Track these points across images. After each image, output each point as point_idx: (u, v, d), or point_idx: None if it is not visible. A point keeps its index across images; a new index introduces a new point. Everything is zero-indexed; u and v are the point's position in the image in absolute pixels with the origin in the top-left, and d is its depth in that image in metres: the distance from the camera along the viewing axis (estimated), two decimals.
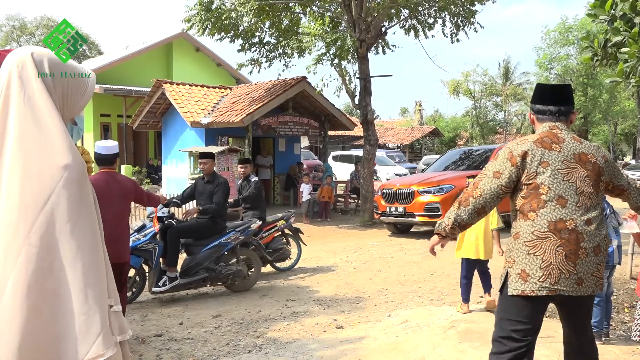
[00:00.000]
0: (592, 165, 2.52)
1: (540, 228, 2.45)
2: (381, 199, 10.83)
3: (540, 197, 2.47)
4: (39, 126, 1.62)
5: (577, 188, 2.48)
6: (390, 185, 10.99)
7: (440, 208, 9.84)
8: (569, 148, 2.52)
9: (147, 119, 15.84)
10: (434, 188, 10.14)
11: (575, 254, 2.42)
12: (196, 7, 11.89)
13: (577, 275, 2.44)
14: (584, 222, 2.45)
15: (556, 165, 2.48)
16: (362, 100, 12.83)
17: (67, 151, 1.61)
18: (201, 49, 23.28)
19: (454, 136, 37.80)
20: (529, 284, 2.45)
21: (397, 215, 10.48)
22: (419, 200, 10.10)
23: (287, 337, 4.60)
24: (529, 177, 2.50)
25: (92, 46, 42.00)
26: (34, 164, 1.58)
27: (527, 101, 35.45)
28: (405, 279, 6.86)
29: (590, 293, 2.50)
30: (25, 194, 1.56)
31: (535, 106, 2.71)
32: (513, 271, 2.51)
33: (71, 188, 1.59)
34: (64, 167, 1.59)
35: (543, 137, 2.56)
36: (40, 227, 1.54)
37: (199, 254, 5.96)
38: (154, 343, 4.53)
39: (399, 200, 10.44)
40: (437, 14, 13.42)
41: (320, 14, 12.42)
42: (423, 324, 4.50)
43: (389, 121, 46.90)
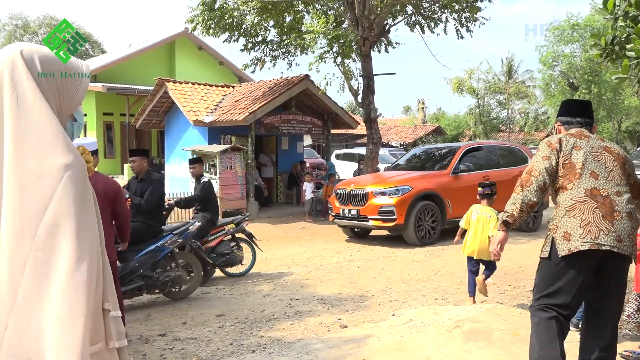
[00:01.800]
0: (617, 155, 2.91)
1: (578, 194, 2.78)
2: (335, 200, 10.03)
3: (576, 171, 2.83)
4: (35, 127, 1.57)
5: (606, 167, 2.84)
6: (344, 185, 10.12)
7: (395, 212, 9.00)
8: (595, 141, 2.94)
9: (150, 117, 15.84)
10: (389, 189, 9.25)
11: (611, 215, 2.71)
12: (199, 7, 11.87)
13: (615, 232, 2.68)
14: (615, 192, 2.78)
15: (587, 149, 2.88)
16: (365, 99, 12.80)
17: (66, 151, 1.56)
18: (204, 48, 23.28)
19: (457, 134, 37.69)
20: (572, 242, 2.70)
21: (350, 219, 9.66)
22: (373, 203, 9.23)
23: (291, 336, 4.58)
24: (565, 158, 2.88)
25: (95, 45, 42.07)
26: (33, 166, 1.54)
27: (530, 99, 35.37)
28: (409, 277, 6.83)
29: (629, 253, 2.72)
30: (27, 198, 1.52)
31: (562, 118, 3.14)
32: (557, 235, 2.77)
33: (73, 188, 1.54)
34: (64, 167, 1.54)
35: (573, 132, 2.99)
36: (45, 231, 1.50)
37: (133, 261, 5.41)
38: (157, 342, 4.52)
39: (353, 202, 9.58)
40: (441, 11, 13.38)
41: (323, 12, 12.39)
42: (428, 323, 4.47)
43: (392, 119, 46.78)
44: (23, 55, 1.62)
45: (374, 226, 9.44)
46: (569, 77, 25.11)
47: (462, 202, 9.35)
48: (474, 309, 4.87)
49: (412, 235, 9.10)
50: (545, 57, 24.51)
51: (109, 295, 1.64)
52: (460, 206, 9.29)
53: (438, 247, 8.88)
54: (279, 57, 13.58)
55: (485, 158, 10.65)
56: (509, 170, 10.48)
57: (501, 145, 12.12)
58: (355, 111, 33.22)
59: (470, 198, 9.51)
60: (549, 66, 25.10)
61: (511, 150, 11.49)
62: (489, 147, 11.27)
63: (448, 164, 10.01)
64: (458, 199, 9.44)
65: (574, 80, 25.04)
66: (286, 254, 8.85)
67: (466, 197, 9.51)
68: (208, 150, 12.76)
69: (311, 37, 11.29)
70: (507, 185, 9.84)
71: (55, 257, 1.49)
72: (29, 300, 1.49)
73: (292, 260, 8.33)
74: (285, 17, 13.23)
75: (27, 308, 1.49)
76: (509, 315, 4.59)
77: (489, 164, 10.51)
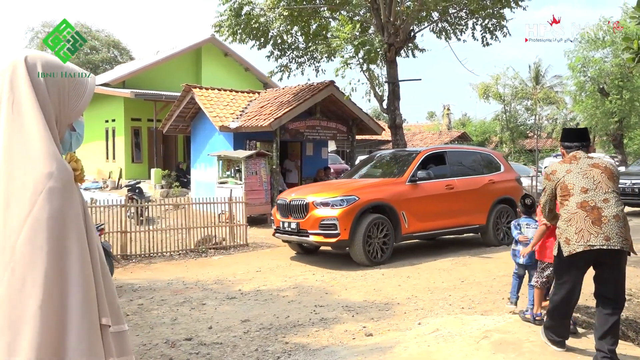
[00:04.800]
0: (604, 169, 3.70)
1: (572, 208, 3.61)
2: (277, 212, 8.90)
3: (569, 190, 3.67)
4: (24, 134, 1.51)
5: (595, 180, 3.62)
6: (285, 195, 8.95)
7: (338, 225, 7.82)
8: (583, 161, 3.77)
9: (177, 123, 16.05)
10: (332, 199, 8.05)
11: (599, 220, 3.49)
12: (226, 12, 12.01)
13: (604, 234, 3.45)
14: (602, 200, 3.55)
15: (576, 170, 3.72)
16: (391, 105, 12.75)
17: (49, 159, 1.49)
18: (229, 54, 23.52)
19: (483, 140, 37.23)
20: (571, 245, 3.54)
21: (290, 233, 8.46)
22: (314, 215, 8.04)
23: (316, 343, 4.56)
24: (560, 182, 3.75)
25: (124, 52, 42.95)
26: (18, 175, 1.48)
27: (559, 105, 34.71)
28: (435, 286, 6.74)
29: (620, 247, 3.45)
30: (10, 209, 1.46)
31: (564, 143, 4.02)
32: (562, 240, 3.63)
33: (54, 199, 1.47)
34: (46, 176, 1.47)
35: (565, 159, 3.89)
36: (24, 243, 1.43)
37: None
38: (183, 347, 4.55)
39: (293, 213, 8.41)
40: (467, 17, 13.27)
41: (349, 18, 12.40)
42: (455, 333, 4.40)
43: (417, 125, 46.47)
44: (27, 60, 1.59)
45: (315, 242, 8.26)
46: (599, 83, 24.57)
47: (421, 215, 8.62)
48: (502, 319, 4.78)
49: (359, 254, 7.95)
50: (575, 62, 24.04)
51: (106, 310, 1.56)
52: (419, 219, 8.58)
53: (465, 256, 8.76)
54: (304, 63, 13.64)
55: (449, 164, 9.47)
56: (476, 178, 9.57)
57: (469, 150, 10.88)
58: (380, 117, 33.12)
59: (430, 210, 8.85)
60: (578, 71, 24.60)
61: (481, 156, 10.28)
62: (454, 152, 10.04)
63: (404, 171, 8.87)
64: (416, 211, 8.55)
65: (604, 85, 24.49)
66: (311, 259, 8.83)
67: (426, 208, 8.70)
68: (233, 156, 12.86)
69: (337, 43, 11.31)
70: (475, 195, 9.45)
71: (31, 274, 1.42)
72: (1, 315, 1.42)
73: (316, 266, 8.31)
74: (311, 23, 13.29)
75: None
76: (539, 326, 4.48)
77: (453, 171, 9.40)
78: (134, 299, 6.39)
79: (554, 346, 3.90)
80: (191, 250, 9.60)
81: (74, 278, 1.47)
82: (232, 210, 10.63)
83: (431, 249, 9.48)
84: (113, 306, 1.61)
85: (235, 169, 12.98)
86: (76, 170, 1.64)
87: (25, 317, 1.40)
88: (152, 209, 11.58)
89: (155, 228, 9.99)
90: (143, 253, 9.28)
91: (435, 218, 8.86)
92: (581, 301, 5.60)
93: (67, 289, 1.46)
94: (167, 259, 9.16)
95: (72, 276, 1.47)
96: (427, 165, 9.20)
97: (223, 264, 8.71)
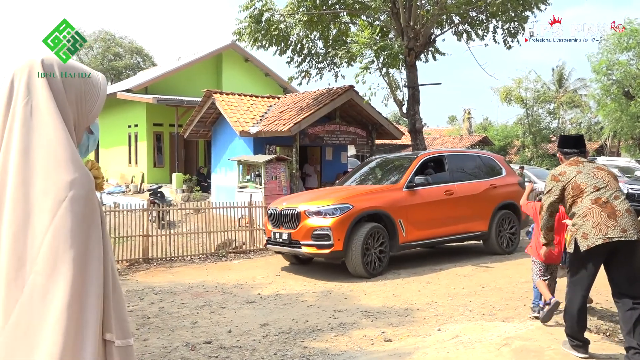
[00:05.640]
0: (607, 171, 4.00)
1: (586, 205, 3.81)
2: (268, 222, 8.49)
3: (582, 189, 3.87)
4: (44, 140, 1.47)
5: (603, 180, 3.88)
6: (276, 205, 8.44)
7: (331, 235, 7.38)
8: (588, 165, 4.02)
9: (198, 128, 16.23)
10: (325, 208, 7.61)
11: (614, 214, 3.70)
12: (247, 19, 12.12)
13: (620, 226, 3.65)
14: (613, 197, 3.81)
15: (585, 171, 3.94)
16: (410, 109, 12.71)
17: (71, 166, 1.45)
18: (250, 59, 23.70)
19: (505, 145, 36.81)
20: (589, 239, 3.69)
21: (282, 244, 8.02)
22: (306, 225, 7.60)
23: (335, 348, 4.56)
24: (571, 182, 3.94)
25: (147, 58, 43.61)
26: (40, 183, 1.44)
27: (583, 108, 34.14)
28: (455, 292, 6.68)
29: (637, 237, 3.65)
30: (33, 216, 1.42)
31: (563, 149, 4.26)
32: (578, 235, 3.76)
33: (76, 207, 1.43)
34: (69, 184, 1.43)
35: (570, 162, 4.09)
36: (45, 253, 1.40)
37: None
38: (203, 350, 4.59)
39: (285, 223, 7.96)
40: (488, 21, 13.17)
41: (369, 23, 12.41)
42: (475, 340, 4.36)
43: (437, 129, 46.21)
44: (43, 62, 1.56)
45: (307, 253, 7.80)
46: (624, 86, 24.11)
47: (419, 223, 8.21)
48: (523, 326, 4.71)
49: (356, 265, 7.52)
50: (599, 65, 23.65)
51: (112, 325, 1.53)
52: (417, 227, 8.15)
53: (486, 261, 8.67)
54: (324, 69, 13.68)
55: (449, 169, 9.02)
56: (477, 183, 9.17)
57: (469, 154, 10.37)
58: (400, 121, 32.98)
59: (429, 217, 8.44)
60: (603, 74, 24.18)
61: (482, 159, 9.83)
62: (453, 156, 9.54)
63: (401, 177, 8.45)
64: (414, 219, 8.14)
65: (630, 89, 24.02)
66: (329, 264, 8.83)
67: (424, 216, 8.29)
68: (253, 160, 12.95)
69: (357, 48, 11.32)
70: (476, 200, 9.09)
71: (53, 285, 1.39)
72: (20, 327, 1.39)
73: (335, 271, 8.31)
74: (331, 29, 13.34)
75: (17, 335, 1.39)
76: (561, 334, 4.41)
77: (453, 176, 8.98)
78: (155, 302, 6.46)
79: (575, 352, 3.83)
80: (211, 254, 9.68)
81: (93, 288, 1.45)
82: (252, 215, 10.69)
83: (451, 255, 9.40)
84: (121, 319, 1.56)
85: (255, 173, 13.07)
86: (97, 178, 1.62)
87: (45, 330, 1.38)
88: (173, 213, 11.71)
89: (176, 232, 10.10)
90: (164, 257, 9.39)
91: (435, 226, 8.47)
92: (607, 306, 5.50)
93: (87, 301, 1.43)
94: (187, 263, 9.25)
95: (91, 286, 1.44)
96: (425, 170, 8.83)
97: (243, 268, 8.76)
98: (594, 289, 4.47)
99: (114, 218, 9.27)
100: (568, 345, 3.93)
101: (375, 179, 9.18)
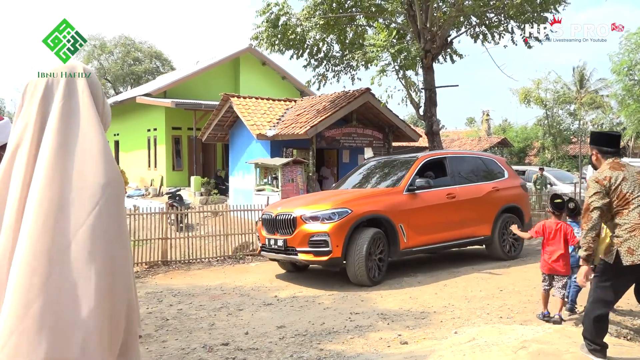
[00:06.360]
0: None
1: (633, 219, 3.71)
2: (262, 228, 8.10)
3: (627, 199, 3.75)
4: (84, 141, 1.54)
5: None
6: (270, 210, 8.08)
7: (329, 242, 7.02)
8: (630, 169, 3.87)
9: (216, 131, 16.39)
10: (322, 213, 7.25)
11: None
12: (264, 24, 12.21)
13: None
14: None
15: (630, 179, 3.79)
16: (427, 111, 12.66)
17: (109, 167, 1.54)
18: (267, 63, 23.85)
19: (525, 146, 36.38)
20: (635, 256, 3.65)
21: (277, 251, 7.64)
22: (302, 230, 7.22)
23: (351, 350, 4.57)
24: (616, 190, 3.78)
25: (166, 62, 44.12)
26: (74, 175, 1.50)
27: (605, 109, 33.58)
28: (472, 294, 6.64)
29: None
30: (65, 208, 1.48)
31: (601, 148, 4.00)
32: (622, 249, 3.70)
33: (113, 207, 1.52)
34: (105, 185, 1.51)
35: (613, 165, 3.89)
36: (79, 249, 1.46)
37: None
38: (220, 351, 4.63)
39: (280, 229, 7.57)
40: (506, 22, 13.06)
41: (385, 26, 12.40)
42: (492, 343, 4.32)
43: (455, 131, 45.86)
44: (85, 70, 1.65)
45: (304, 261, 7.44)
46: None
47: (421, 227, 7.89)
48: (541, 330, 4.67)
49: (359, 273, 7.13)
50: (620, 65, 23.25)
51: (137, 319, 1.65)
52: (418, 232, 7.85)
53: (505, 263, 8.58)
54: (341, 72, 13.71)
55: (450, 171, 8.77)
56: (480, 185, 8.92)
57: (471, 155, 10.00)
58: (418, 123, 32.82)
59: (431, 222, 8.12)
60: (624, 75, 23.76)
61: (484, 161, 9.58)
62: (455, 158, 9.22)
63: (401, 180, 8.14)
64: (415, 224, 7.83)
65: None
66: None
67: (426, 220, 7.99)
68: (270, 163, 13.03)
69: (373, 51, 11.31)
70: (478, 203, 8.85)
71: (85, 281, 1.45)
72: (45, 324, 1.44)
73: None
74: (348, 32, 13.36)
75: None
76: (580, 337, 4.36)
77: (455, 178, 8.72)
78: (174, 304, 6.54)
79: (593, 356, 3.79)
80: (229, 257, 9.76)
81: (122, 282, 1.53)
82: None
83: (469, 258, 9.33)
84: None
85: (272, 176, 13.14)
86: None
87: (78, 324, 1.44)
88: (192, 216, 11.84)
89: (194, 235, 10.21)
90: (183, 259, 9.50)
91: (437, 230, 8.16)
92: (627, 308, 5.42)
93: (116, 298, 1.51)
94: (205, 265, 9.34)
95: (120, 282, 1.52)
96: (426, 173, 8.55)
97: (260, 271, 8.82)
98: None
99: (133, 221, 9.40)
100: (585, 349, 3.89)
101: (374, 181, 8.82)
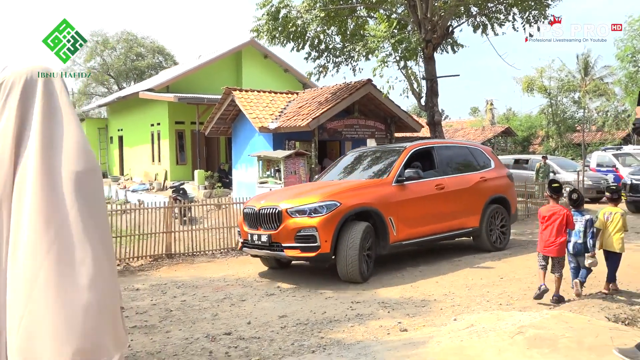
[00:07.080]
0: None
1: None
2: (244, 223, 7.67)
3: None
4: (67, 136, 1.76)
5: None
6: (253, 203, 7.65)
7: (317, 236, 6.69)
8: None
9: (218, 125, 16.44)
10: (310, 206, 6.89)
11: None
12: (264, 16, 12.22)
13: None
14: None
15: None
16: (429, 102, 12.67)
17: (90, 155, 1.78)
18: (269, 56, 23.85)
19: (529, 135, 36.26)
20: None
21: (261, 247, 7.23)
22: (288, 225, 6.85)
23: (351, 338, 4.65)
24: None
25: (168, 57, 44.10)
26: (65, 165, 1.73)
27: (610, 96, 33.37)
28: (473, 282, 6.70)
29: None
30: (57, 195, 1.70)
31: None
32: None
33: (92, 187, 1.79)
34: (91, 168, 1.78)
35: None
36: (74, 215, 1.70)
37: None
38: (223, 341, 4.72)
39: (263, 224, 7.17)
40: (507, 10, 13.02)
41: (386, 16, 12.39)
42: (489, 328, 4.39)
43: (459, 121, 45.71)
44: (56, 71, 1.81)
45: (290, 257, 7.04)
46: None
47: (410, 220, 7.64)
48: (539, 315, 4.73)
49: (351, 269, 6.83)
50: (624, 52, 23.12)
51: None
52: (408, 225, 7.58)
53: (506, 252, 8.63)
54: (342, 63, 13.72)
55: (438, 161, 8.56)
56: (468, 176, 8.73)
57: (458, 144, 9.80)
58: (421, 114, 32.76)
59: (421, 214, 7.90)
60: (628, 61, 23.63)
61: (470, 151, 9.39)
62: (443, 147, 9.01)
63: (390, 171, 7.85)
64: (405, 216, 7.55)
65: None
66: None
67: (416, 212, 7.73)
68: (273, 156, 13.08)
69: (374, 42, 11.31)
70: (467, 194, 8.71)
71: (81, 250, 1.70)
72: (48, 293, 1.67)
73: None
74: (348, 23, 13.36)
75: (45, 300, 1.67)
76: (577, 322, 4.42)
77: (443, 169, 8.52)
78: (178, 295, 6.64)
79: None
80: (232, 249, 9.85)
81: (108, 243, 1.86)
82: None
83: (470, 247, 9.38)
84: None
85: (275, 168, 13.20)
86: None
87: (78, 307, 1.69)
88: (195, 209, 11.93)
89: (198, 228, 10.30)
90: (187, 252, 9.60)
91: (427, 222, 7.93)
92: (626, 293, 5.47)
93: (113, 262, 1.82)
94: (209, 257, 9.44)
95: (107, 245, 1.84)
96: (414, 163, 8.22)
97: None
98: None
99: (138, 215, 9.49)
100: None
101: (361, 172, 8.48)
